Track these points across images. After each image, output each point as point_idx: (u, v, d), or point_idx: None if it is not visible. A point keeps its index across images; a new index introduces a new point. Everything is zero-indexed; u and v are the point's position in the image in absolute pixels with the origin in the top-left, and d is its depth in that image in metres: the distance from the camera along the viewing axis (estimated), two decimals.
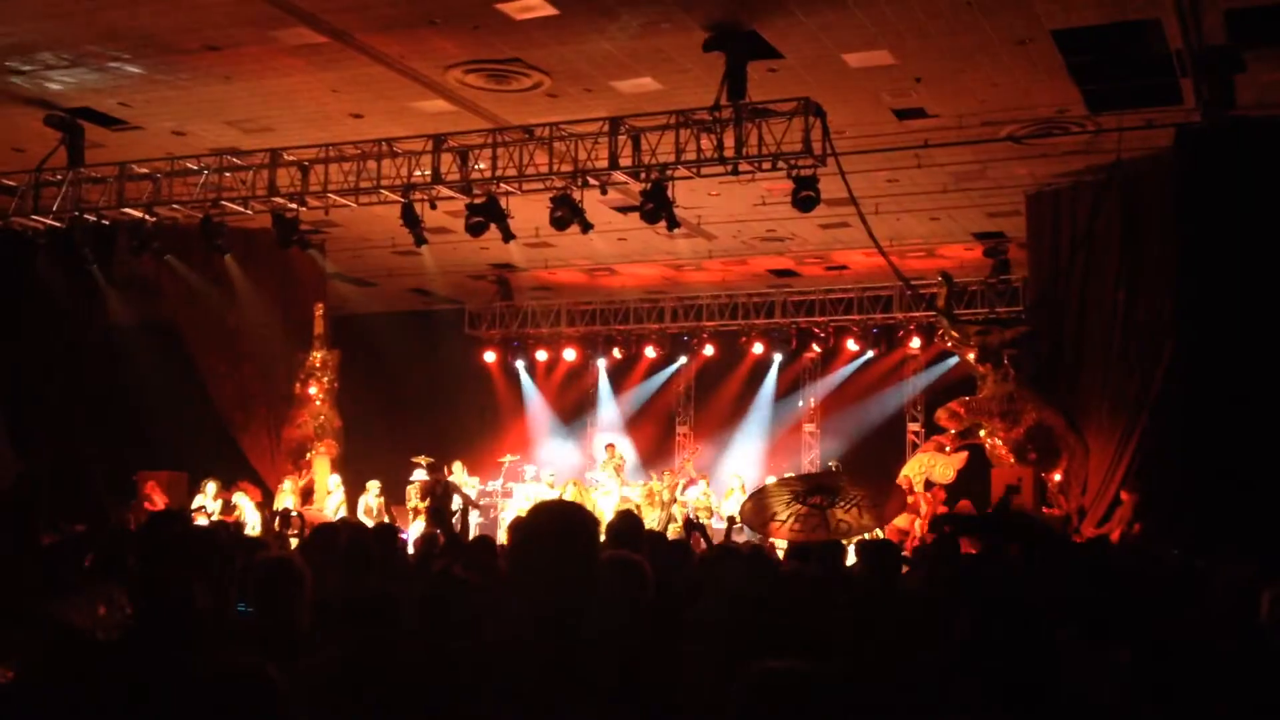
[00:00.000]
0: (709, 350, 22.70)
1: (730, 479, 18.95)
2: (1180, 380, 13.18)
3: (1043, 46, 11.78)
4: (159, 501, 16.75)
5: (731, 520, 13.81)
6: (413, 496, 17.79)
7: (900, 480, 16.60)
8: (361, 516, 17.13)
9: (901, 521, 16.08)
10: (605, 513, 15.77)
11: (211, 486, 16.98)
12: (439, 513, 15.29)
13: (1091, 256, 15.43)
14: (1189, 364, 12.91)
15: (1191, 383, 12.79)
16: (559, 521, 3.31)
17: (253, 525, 16.41)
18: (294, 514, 16.02)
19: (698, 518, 17.68)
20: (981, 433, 16.52)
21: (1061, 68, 12.27)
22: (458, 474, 19.07)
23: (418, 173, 14.22)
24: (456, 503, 17.14)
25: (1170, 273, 13.57)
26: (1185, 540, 11.20)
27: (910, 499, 16.40)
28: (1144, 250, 14.65)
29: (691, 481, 19.40)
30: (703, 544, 9.54)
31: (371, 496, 17.92)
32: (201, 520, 14.46)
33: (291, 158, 14.77)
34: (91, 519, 13.44)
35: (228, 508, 16.60)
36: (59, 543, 7.69)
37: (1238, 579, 5.40)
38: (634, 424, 23.78)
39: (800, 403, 22.99)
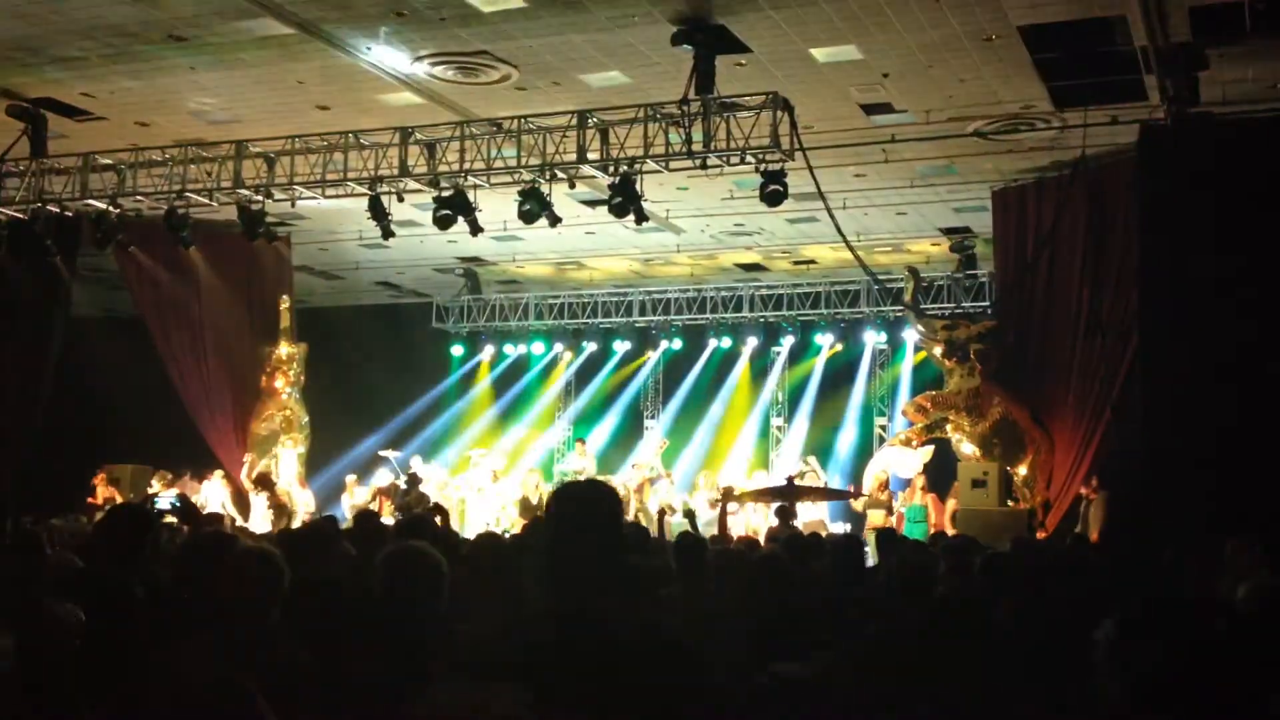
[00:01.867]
0: (677, 344, 22.71)
1: (700, 475, 18.95)
2: (1144, 376, 13.28)
3: (1009, 43, 11.84)
4: (102, 495, 16.63)
5: (690, 513, 13.86)
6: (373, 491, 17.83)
7: (873, 478, 16.70)
8: (347, 513, 17.06)
9: (876, 519, 16.14)
10: None
11: (157, 483, 16.85)
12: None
13: (1057, 252, 15.52)
14: (1152, 360, 13.01)
15: (1155, 379, 12.89)
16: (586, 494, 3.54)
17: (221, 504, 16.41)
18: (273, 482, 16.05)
19: (661, 513, 17.69)
20: (948, 427, 16.60)
21: (1028, 64, 12.33)
22: (418, 468, 19.03)
23: (385, 165, 14.16)
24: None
25: (1134, 269, 13.68)
26: (1148, 536, 11.32)
27: (883, 495, 16.48)
28: (1108, 246, 14.75)
29: (658, 477, 19.40)
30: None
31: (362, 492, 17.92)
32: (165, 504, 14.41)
33: (257, 149, 14.67)
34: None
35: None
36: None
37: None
38: (602, 418, 23.77)
39: (767, 396, 23.03)
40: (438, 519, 8.52)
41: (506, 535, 11.63)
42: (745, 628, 4.60)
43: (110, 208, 15.34)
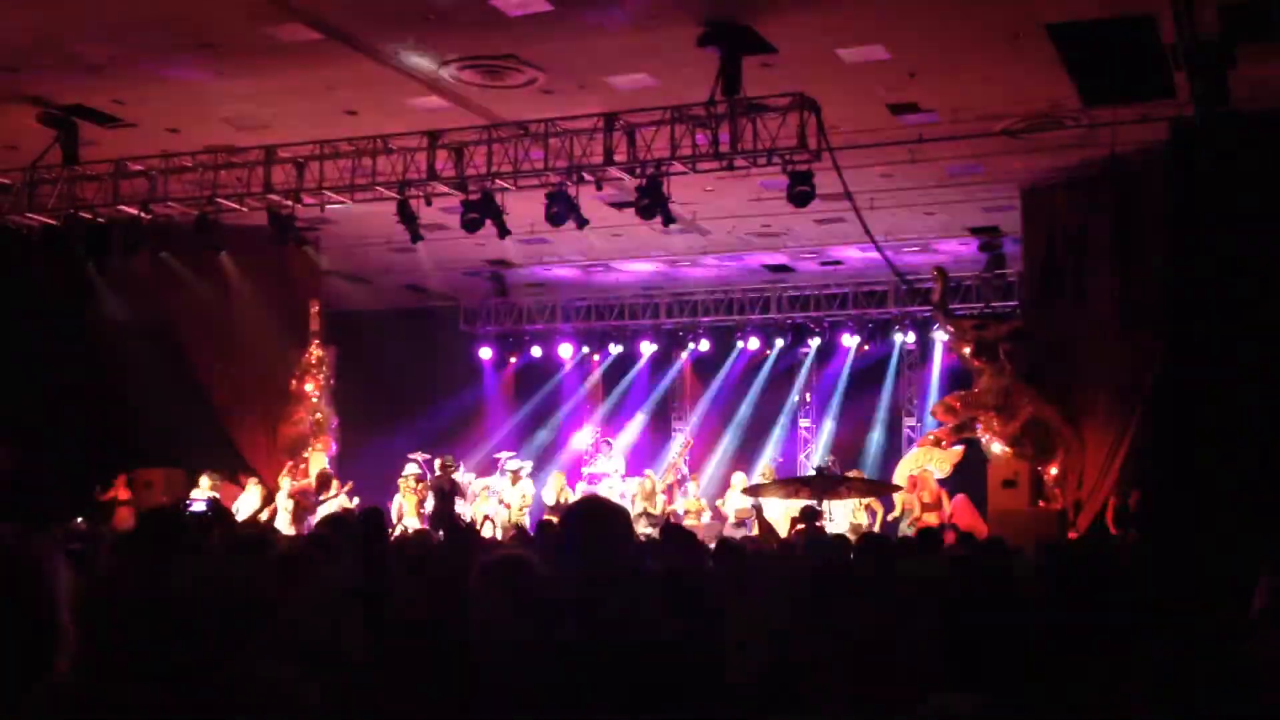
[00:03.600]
0: (704, 345, 22.70)
1: (734, 477, 18.92)
2: (1175, 374, 13.20)
3: (1037, 41, 11.79)
4: (124, 497, 16.75)
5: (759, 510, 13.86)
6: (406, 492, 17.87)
7: (904, 479, 16.66)
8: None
9: (930, 519, 16.07)
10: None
11: (205, 480, 16.98)
12: (441, 513, 15.41)
13: (1086, 250, 15.46)
14: (1184, 358, 12.92)
15: (1186, 376, 12.80)
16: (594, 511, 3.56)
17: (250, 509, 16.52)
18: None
19: (685, 516, 17.72)
20: (977, 427, 16.54)
21: (1056, 62, 12.27)
22: (462, 474, 19.05)
23: (413, 169, 14.22)
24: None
25: (1164, 267, 13.59)
26: (1181, 534, 11.25)
27: (927, 498, 16.40)
28: (1138, 244, 14.67)
29: (682, 479, 19.41)
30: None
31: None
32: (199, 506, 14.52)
33: (287, 155, 14.75)
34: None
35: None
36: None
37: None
38: (629, 419, 23.78)
39: (795, 397, 23.01)
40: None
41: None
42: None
43: (141, 213, 15.45)
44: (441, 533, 10.86)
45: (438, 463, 17.74)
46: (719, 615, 4.24)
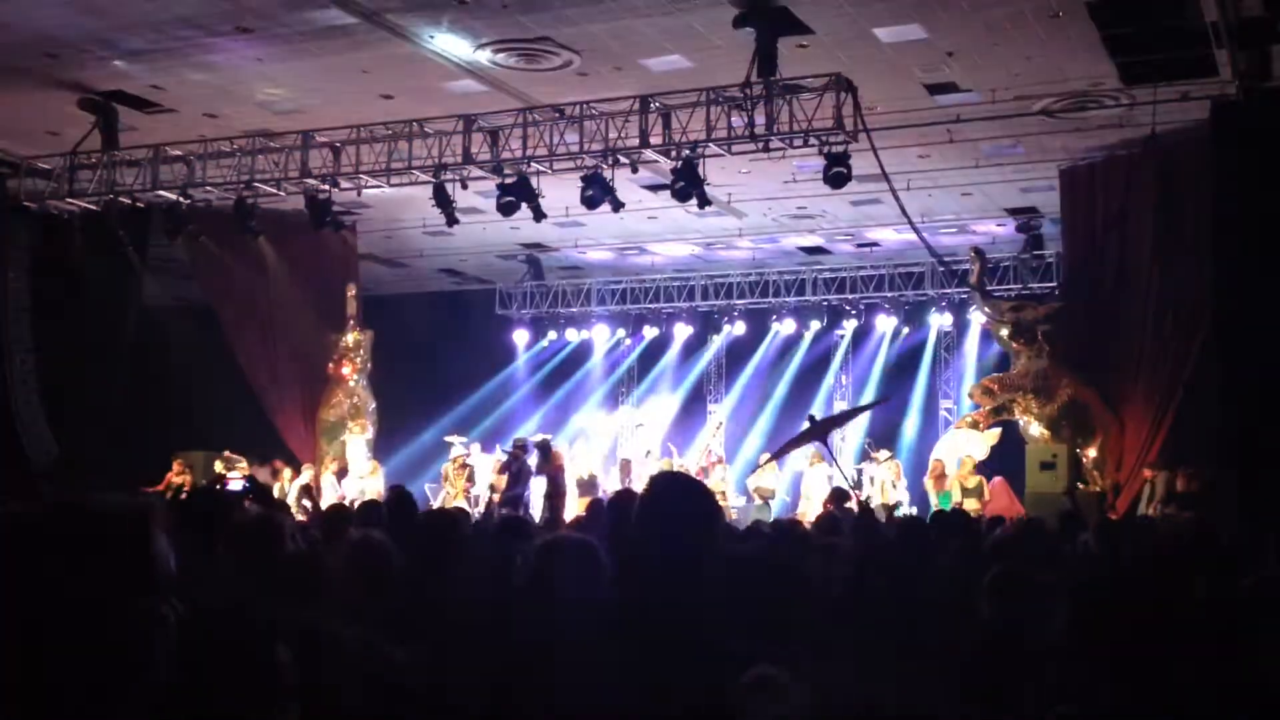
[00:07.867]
0: (739, 328, 22.67)
1: (761, 458, 18.93)
2: (1215, 355, 13.09)
3: (1077, 19, 11.68)
4: (175, 480, 16.88)
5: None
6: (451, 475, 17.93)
7: (933, 464, 16.56)
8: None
9: (972, 506, 15.96)
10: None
11: (219, 465, 16.99)
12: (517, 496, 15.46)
13: (1126, 231, 15.32)
14: (1224, 338, 12.81)
15: (1226, 357, 12.69)
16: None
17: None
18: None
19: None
20: (1015, 409, 16.45)
21: (1096, 40, 12.16)
22: (476, 455, 19.09)
23: (449, 153, 14.26)
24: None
25: (1205, 246, 13.46)
26: (1221, 515, 11.15)
27: (970, 483, 16.27)
28: (1179, 224, 14.53)
29: (718, 461, 19.39)
30: None
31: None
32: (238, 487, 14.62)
33: (323, 139, 14.84)
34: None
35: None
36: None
37: None
38: (664, 402, 23.78)
39: (831, 380, 22.93)
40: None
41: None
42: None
43: (180, 198, 15.58)
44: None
45: (534, 440, 17.73)
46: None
